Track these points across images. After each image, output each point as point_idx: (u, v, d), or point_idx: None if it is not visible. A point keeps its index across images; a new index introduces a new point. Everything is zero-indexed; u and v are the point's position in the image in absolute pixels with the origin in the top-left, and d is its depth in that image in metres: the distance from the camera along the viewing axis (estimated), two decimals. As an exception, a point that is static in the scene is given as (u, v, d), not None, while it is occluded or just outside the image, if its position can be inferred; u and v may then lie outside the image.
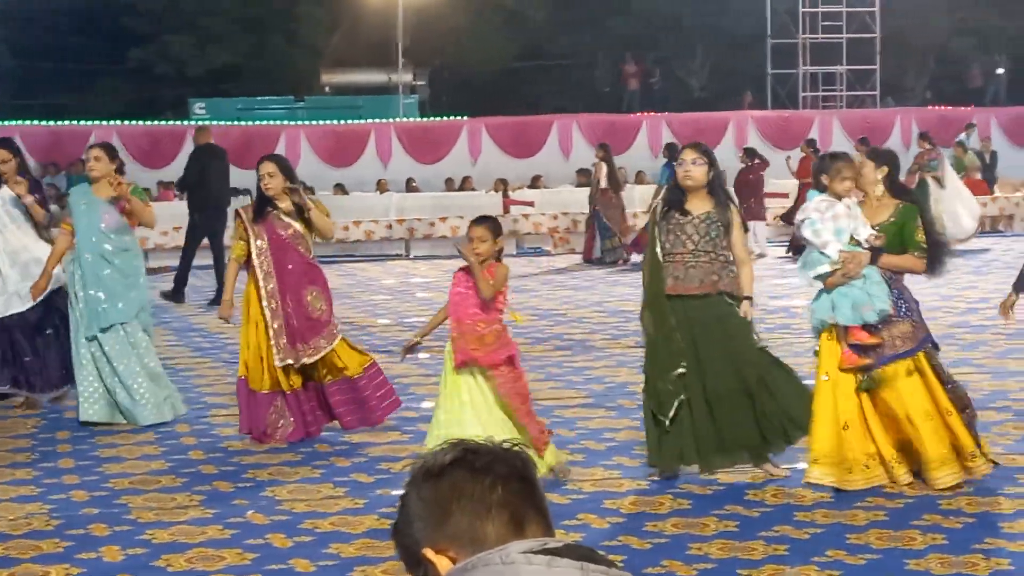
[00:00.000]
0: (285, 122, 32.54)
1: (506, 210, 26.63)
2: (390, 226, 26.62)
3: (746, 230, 9.78)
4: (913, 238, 8.74)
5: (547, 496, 2.70)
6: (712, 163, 9.11)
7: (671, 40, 45.38)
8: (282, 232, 10.34)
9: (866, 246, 8.67)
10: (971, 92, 44.52)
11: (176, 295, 19.12)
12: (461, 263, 9.03)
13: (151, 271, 23.23)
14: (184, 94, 39.63)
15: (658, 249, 9.03)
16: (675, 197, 9.14)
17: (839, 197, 8.81)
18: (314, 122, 32.65)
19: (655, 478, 8.99)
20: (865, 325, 8.58)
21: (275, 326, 10.21)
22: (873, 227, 8.71)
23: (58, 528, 8.14)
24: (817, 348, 8.85)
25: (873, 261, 8.67)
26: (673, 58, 46.09)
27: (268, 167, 10.33)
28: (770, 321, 15.43)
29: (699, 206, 9.06)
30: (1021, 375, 12.28)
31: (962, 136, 30.73)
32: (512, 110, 36.46)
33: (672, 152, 23.71)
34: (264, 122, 32.96)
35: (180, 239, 20.40)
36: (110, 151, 11.52)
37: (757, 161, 25.20)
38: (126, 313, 11.08)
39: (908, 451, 8.65)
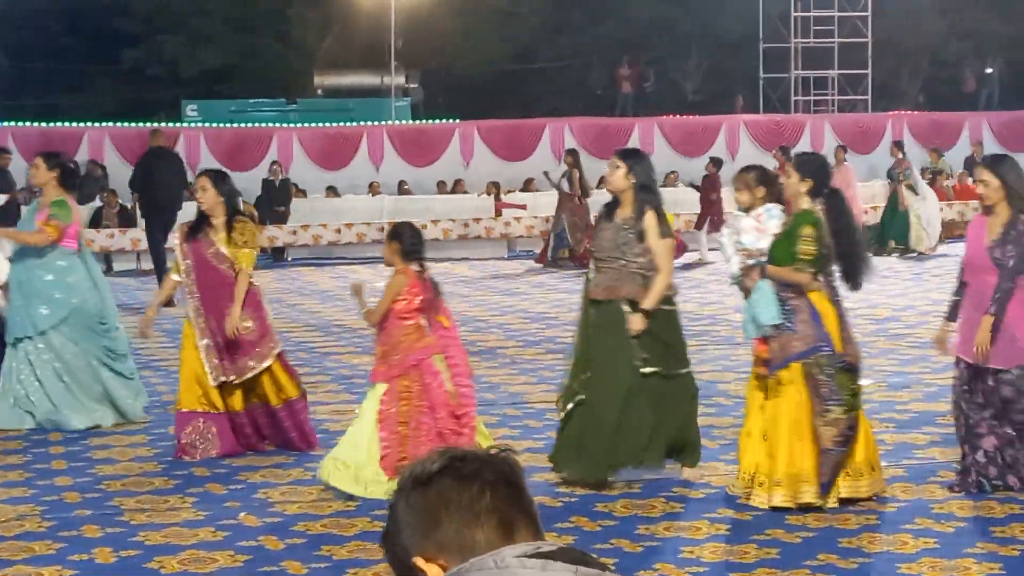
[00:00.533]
0: (277, 124, 32.52)
1: (498, 213, 26.65)
2: (382, 228, 26.51)
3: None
4: (792, 249, 8.51)
5: (537, 499, 2.70)
6: (632, 168, 9.11)
7: (665, 43, 45.39)
8: (206, 250, 10.24)
9: (764, 259, 8.61)
10: (965, 96, 44.57)
11: None
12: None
13: (144, 272, 23.44)
14: (177, 95, 39.60)
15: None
16: (611, 202, 9.29)
17: (747, 209, 8.86)
18: (306, 124, 32.62)
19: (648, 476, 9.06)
20: (765, 338, 8.57)
21: (202, 344, 10.13)
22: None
23: (51, 530, 8.13)
24: None
25: (762, 274, 8.60)
26: (667, 61, 46.12)
27: (201, 181, 10.30)
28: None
29: (621, 212, 9.18)
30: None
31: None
32: (505, 113, 36.50)
33: (575, 157, 23.97)
34: (256, 124, 32.91)
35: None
36: (49, 159, 11.44)
37: (714, 172, 25.53)
38: (47, 320, 11.11)
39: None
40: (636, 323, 8.84)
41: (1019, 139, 32.74)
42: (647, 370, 8.98)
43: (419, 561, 2.57)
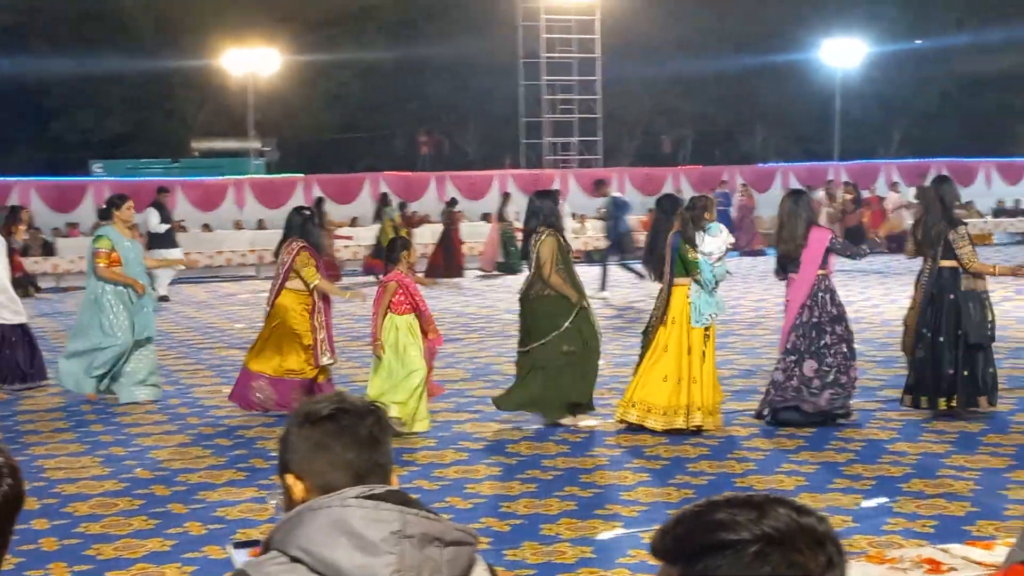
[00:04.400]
0: (164, 178, 31.84)
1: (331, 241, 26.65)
2: (244, 255, 26.49)
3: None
4: (685, 259, 9.15)
5: (397, 454, 2.52)
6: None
7: (452, 117, 45.65)
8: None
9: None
10: (666, 156, 45.69)
11: None
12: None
13: (62, 289, 22.94)
14: (87, 156, 38.68)
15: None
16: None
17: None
18: (186, 178, 32.08)
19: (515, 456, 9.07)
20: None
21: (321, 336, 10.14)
22: None
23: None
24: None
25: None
26: (454, 131, 46.42)
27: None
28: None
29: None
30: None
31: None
32: (336, 169, 36.37)
33: (385, 200, 24.46)
34: (148, 178, 32.20)
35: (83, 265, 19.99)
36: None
37: (455, 210, 26.13)
38: None
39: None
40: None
41: (707, 185, 33.64)
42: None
43: (290, 477, 2.48)
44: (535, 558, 6.19)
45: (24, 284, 20.18)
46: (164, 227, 20.97)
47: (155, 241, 20.40)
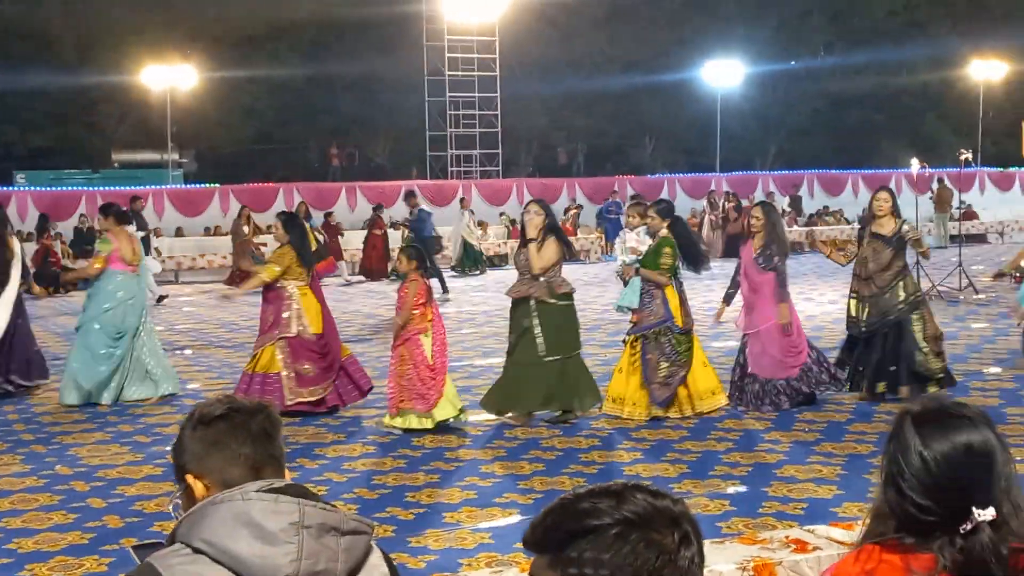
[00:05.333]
0: (85, 188, 31.20)
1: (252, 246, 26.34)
2: (164, 261, 25.99)
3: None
4: (656, 261, 9.24)
5: (287, 448, 2.53)
6: (547, 214, 9.33)
7: (362, 131, 45.37)
8: None
9: (638, 263, 9.35)
10: (561, 167, 45.92)
11: None
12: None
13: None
14: (11, 167, 37.77)
15: None
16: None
17: (633, 228, 9.52)
18: (106, 188, 31.43)
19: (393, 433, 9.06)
20: (634, 310, 9.32)
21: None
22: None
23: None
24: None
25: (636, 273, 9.31)
26: (364, 143, 46.15)
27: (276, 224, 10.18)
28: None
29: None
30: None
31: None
32: (251, 179, 35.90)
33: (307, 207, 24.50)
34: (70, 188, 31.53)
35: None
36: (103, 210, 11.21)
37: (334, 223, 26.46)
38: None
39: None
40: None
41: (600, 195, 33.93)
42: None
43: (189, 477, 2.47)
44: (437, 544, 6.19)
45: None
46: (140, 234, 20.61)
47: None
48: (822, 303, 17.69)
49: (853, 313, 9.82)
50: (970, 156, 20.74)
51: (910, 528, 2.28)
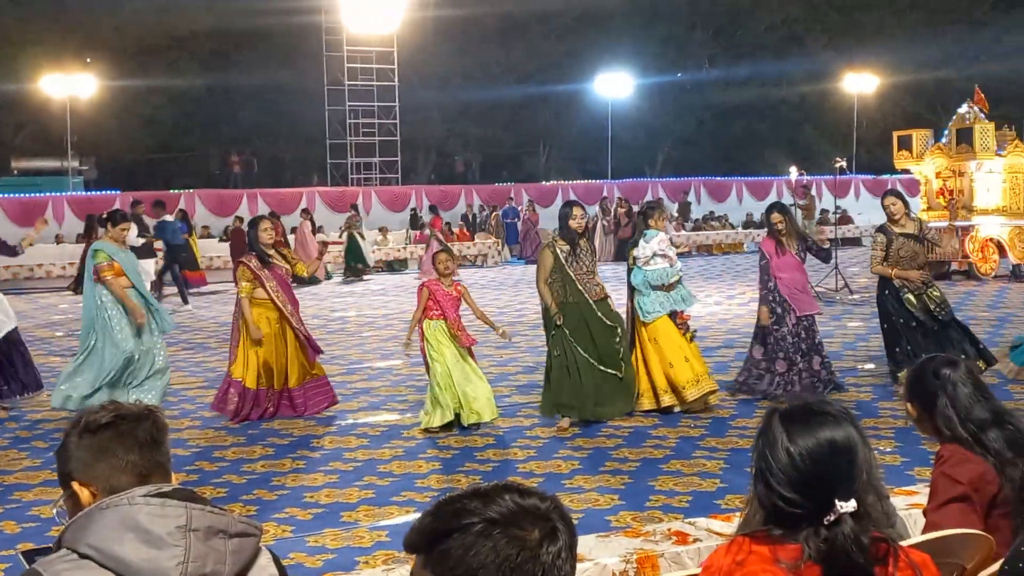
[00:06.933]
0: (-16, 194, 30.44)
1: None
2: (64, 267, 25.39)
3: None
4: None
5: (173, 452, 2.54)
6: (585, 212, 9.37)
7: (263, 139, 44.85)
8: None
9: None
10: (457, 175, 45.95)
11: None
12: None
13: None
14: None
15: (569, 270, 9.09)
16: (571, 237, 9.16)
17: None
18: (7, 195, 30.63)
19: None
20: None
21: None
22: None
23: None
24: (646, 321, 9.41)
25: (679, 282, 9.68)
26: (265, 151, 45.60)
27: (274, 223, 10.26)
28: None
29: (584, 244, 9.20)
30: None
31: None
32: (152, 187, 35.28)
33: (253, 222, 23.80)
34: (-32, 195, 30.69)
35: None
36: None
37: (306, 220, 26.14)
38: None
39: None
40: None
41: (498, 200, 34.06)
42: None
43: (76, 484, 2.43)
44: (335, 543, 6.13)
45: None
46: (141, 240, 20.04)
47: (134, 253, 19.34)
48: (707, 304, 17.95)
49: (914, 303, 10.07)
50: (845, 164, 21.29)
51: (778, 520, 2.33)
